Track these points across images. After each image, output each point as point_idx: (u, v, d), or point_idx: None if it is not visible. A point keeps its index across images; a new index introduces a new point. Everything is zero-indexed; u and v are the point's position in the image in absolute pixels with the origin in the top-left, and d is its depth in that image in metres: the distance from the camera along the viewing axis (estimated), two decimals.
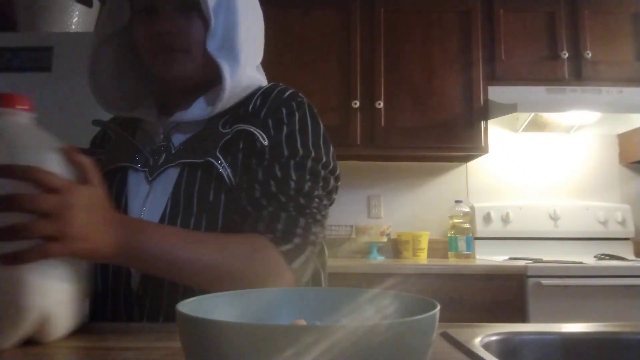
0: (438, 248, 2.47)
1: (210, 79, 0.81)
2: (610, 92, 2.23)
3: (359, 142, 2.23)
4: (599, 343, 0.60)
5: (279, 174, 0.74)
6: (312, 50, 2.31)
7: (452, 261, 2.23)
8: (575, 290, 1.85)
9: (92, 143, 0.95)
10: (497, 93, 2.27)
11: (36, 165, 0.51)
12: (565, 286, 1.85)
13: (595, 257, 2.21)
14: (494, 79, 2.30)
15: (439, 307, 0.36)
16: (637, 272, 1.87)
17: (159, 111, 0.88)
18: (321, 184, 0.78)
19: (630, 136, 2.49)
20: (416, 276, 1.90)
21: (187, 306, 0.37)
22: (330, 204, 0.82)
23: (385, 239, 2.35)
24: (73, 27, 2.01)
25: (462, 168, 2.57)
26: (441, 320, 0.38)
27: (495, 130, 2.51)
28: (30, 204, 0.50)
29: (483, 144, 2.27)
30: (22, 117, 0.57)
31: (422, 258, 2.32)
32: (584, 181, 2.55)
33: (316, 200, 0.75)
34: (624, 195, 2.53)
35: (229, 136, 0.77)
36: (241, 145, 0.78)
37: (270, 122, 0.78)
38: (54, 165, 0.54)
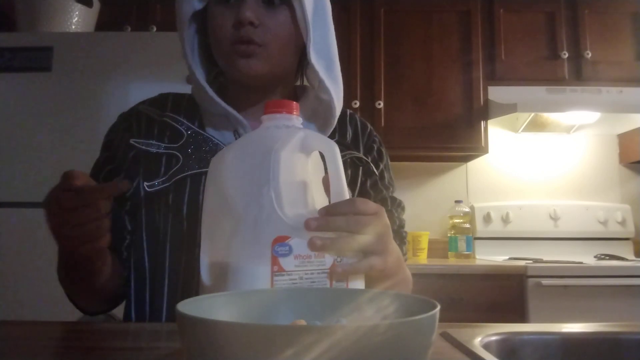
0: (438, 248, 2.47)
1: (279, 79, 0.81)
2: (610, 92, 2.23)
3: None
4: (599, 343, 0.60)
5: (390, 210, 0.86)
6: None
7: (452, 261, 2.23)
8: (575, 290, 1.85)
9: (109, 143, 0.84)
10: (497, 93, 2.27)
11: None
12: (565, 286, 1.85)
13: (595, 257, 2.21)
14: (494, 79, 2.30)
15: (439, 307, 0.36)
16: (637, 272, 1.86)
17: None
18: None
19: (630, 136, 2.49)
20: (416, 276, 1.87)
21: (187, 306, 0.37)
22: None
23: None
24: (73, 27, 2.01)
25: (462, 168, 2.57)
26: (441, 320, 0.38)
27: (495, 130, 2.51)
28: (368, 226, 0.56)
29: (483, 144, 2.27)
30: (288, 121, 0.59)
31: (422, 258, 2.32)
32: (584, 181, 2.54)
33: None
34: (624, 195, 2.53)
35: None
36: (349, 171, 0.82)
37: (369, 157, 0.87)
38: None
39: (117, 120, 0.86)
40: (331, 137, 0.84)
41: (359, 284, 0.57)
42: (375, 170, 0.87)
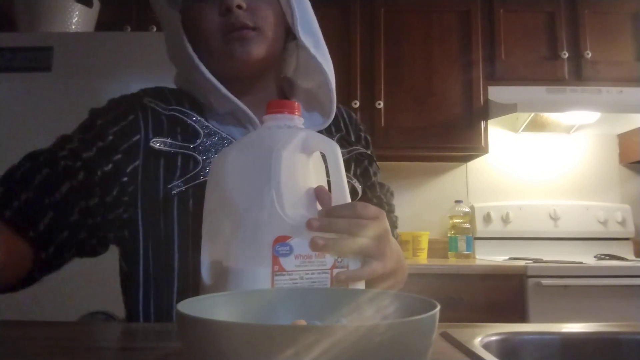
0: (438, 248, 2.47)
1: (270, 67, 0.80)
2: (610, 92, 2.23)
3: None
4: (599, 343, 0.60)
5: (378, 196, 0.86)
6: None
7: (452, 261, 2.23)
8: (575, 290, 1.85)
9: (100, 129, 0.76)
10: (497, 93, 2.27)
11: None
12: (565, 286, 1.85)
13: (595, 257, 2.21)
14: (494, 79, 2.30)
15: (439, 307, 0.36)
16: (637, 272, 1.87)
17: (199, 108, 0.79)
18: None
19: (630, 136, 2.49)
20: (416, 276, 1.90)
21: (187, 306, 0.37)
22: None
23: None
24: (73, 27, 2.01)
25: (462, 168, 2.57)
26: (441, 320, 0.38)
27: (495, 130, 2.51)
28: (368, 229, 0.56)
29: (483, 144, 2.27)
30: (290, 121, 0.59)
31: (422, 258, 2.32)
32: (584, 181, 2.55)
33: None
34: (624, 195, 2.53)
35: (346, 156, 0.81)
36: (352, 165, 0.83)
37: (358, 146, 0.87)
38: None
39: (111, 106, 0.79)
40: (329, 131, 0.85)
41: (358, 284, 0.57)
42: (368, 158, 0.88)
